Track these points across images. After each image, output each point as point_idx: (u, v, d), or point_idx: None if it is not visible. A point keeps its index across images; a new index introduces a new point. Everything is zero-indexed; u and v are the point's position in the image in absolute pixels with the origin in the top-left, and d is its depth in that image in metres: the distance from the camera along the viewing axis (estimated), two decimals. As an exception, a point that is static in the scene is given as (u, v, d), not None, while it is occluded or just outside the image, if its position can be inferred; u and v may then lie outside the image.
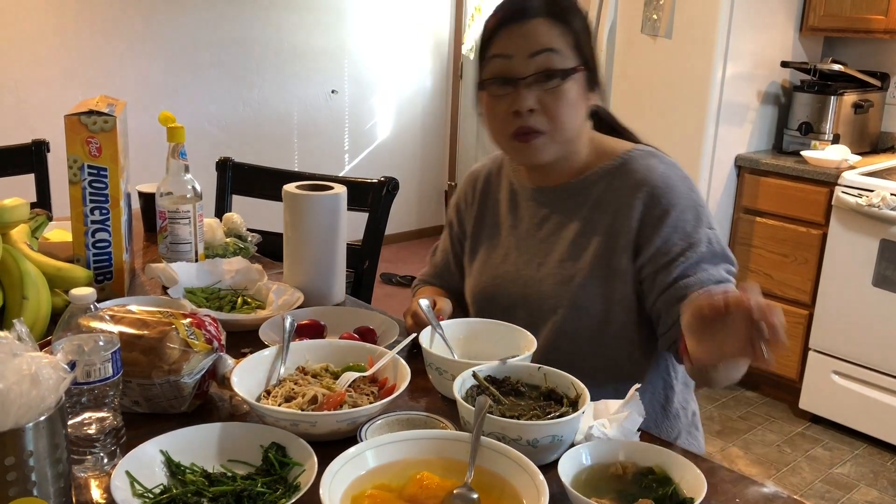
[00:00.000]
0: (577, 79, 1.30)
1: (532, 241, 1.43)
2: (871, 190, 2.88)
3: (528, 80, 1.28)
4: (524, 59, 1.28)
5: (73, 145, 1.45)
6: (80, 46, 3.89)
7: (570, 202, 1.40)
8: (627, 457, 1.01)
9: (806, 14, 3.34)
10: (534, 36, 1.29)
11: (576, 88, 1.30)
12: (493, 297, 1.46)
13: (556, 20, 1.29)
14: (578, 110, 1.33)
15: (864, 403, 3.05)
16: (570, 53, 1.29)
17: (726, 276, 1.28)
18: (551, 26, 1.29)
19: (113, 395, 1.01)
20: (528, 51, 1.28)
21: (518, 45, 1.29)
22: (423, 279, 1.68)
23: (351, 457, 0.94)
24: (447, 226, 1.63)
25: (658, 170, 1.34)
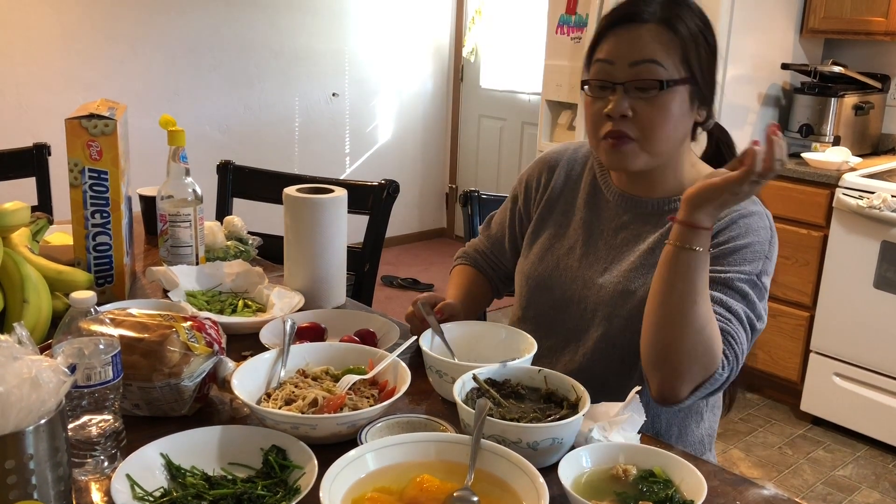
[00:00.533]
0: (680, 91, 1.27)
1: (605, 243, 1.40)
2: (871, 192, 2.88)
3: (626, 87, 1.26)
4: (625, 67, 1.26)
5: (73, 149, 1.45)
6: (82, 50, 3.90)
7: (654, 218, 1.37)
8: (628, 459, 1.01)
9: (806, 16, 3.35)
10: (638, 44, 1.26)
11: (677, 101, 1.27)
12: (549, 287, 1.43)
13: (667, 28, 1.26)
14: (677, 123, 1.29)
15: (865, 405, 3.04)
16: (675, 65, 1.26)
17: (742, 314, 1.23)
18: (659, 34, 1.26)
19: (113, 399, 1.01)
20: (629, 59, 1.26)
21: (622, 51, 1.27)
22: (469, 253, 1.65)
23: (351, 459, 0.94)
24: (511, 199, 1.59)
25: (749, 209, 1.31)
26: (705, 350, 1.16)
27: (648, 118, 1.26)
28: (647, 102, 1.26)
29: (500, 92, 5.21)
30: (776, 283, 3.20)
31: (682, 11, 1.28)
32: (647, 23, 1.26)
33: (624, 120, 1.27)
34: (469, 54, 5.36)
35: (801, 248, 3.15)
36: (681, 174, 1.37)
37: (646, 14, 1.27)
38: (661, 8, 1.27)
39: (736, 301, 1.24)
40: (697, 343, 1.16)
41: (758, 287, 1.27)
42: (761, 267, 1.27)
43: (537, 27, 4.66)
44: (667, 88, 1.25)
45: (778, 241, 1.34)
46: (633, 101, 1.26)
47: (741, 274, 1.25)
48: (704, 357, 1.16)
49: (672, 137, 1.30)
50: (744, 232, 1.28)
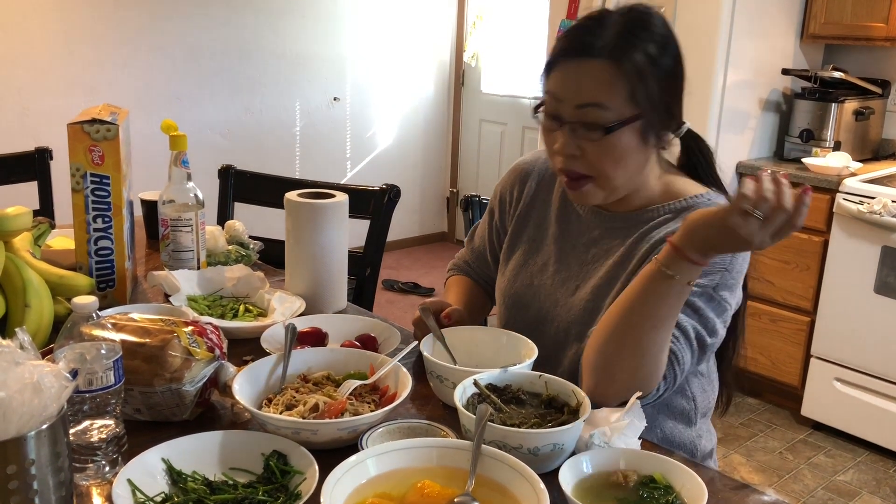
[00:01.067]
0: (628, 130, 1.23)
1: (577, 260, 1.40)
2: (872, 197, 2.88)
3: (573, 126, 1.24)
4: (571, 107, 1.23)
5: (75, 153, 1.46)
6: (84, 54, 3.90)
7: (621, 231, 1.36)
8: (628, 465, 1.02)
9: (807, 21, 3.35)
10: (585, 84, 1.22)
11: (625, 140, 1.23)
12: (525, 306, 1.43)
13: (614, 64, 1.20)
14: (629, 160, 1.26)
15: (866, 410, 3.04)
16: (622, 104, 1.21)
17: (689, 330, 1.21)
18: (605, 73, 1.21)
19: (115, 403, 1.01)
20: (575, 101, 1.22)
21: (568, 90, 1.23)
22: (459, 265, 1.66)
23: (352, 465, 0.94)
24: (488, 212, 1.59)
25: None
26: (649, 374, 1.16)
27: (597, 159, 1.25)
28: (594, 144, 1.24)
29: (500, 96, 5.22)
30: (777, 288, 3.21)
31: (634, 42, 1.22)
32: (595, 58, 1.21)
33: (573, 158, 1.26)
34: (470, 59, 5.36)
35: (801, 253, 3.15)
36: (649, 188, 1.35)
37: (595, 48, 1.22)
38: (613, 39, 1.22)
39: (687, 316, 1.22)
40: (643, 366, 1.15)
41: (714, 300, 1.23)
42: (719, 280, 1.23)
43: (538, 32, 4.67)
44: (612, 132, 1.22)
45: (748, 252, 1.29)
46: (581, 140, 1.24)
47: (697, 287, 1.22)
48: (646, 379, 1.16)
49: (627, 172, 1.28)
50: None
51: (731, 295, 1.26)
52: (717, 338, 1.25)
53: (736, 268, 1.25)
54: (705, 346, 1.24)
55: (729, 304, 1.26)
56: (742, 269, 1.27)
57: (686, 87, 1.31)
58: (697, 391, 1.40)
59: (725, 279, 1.24)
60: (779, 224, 1.02)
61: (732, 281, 1.25)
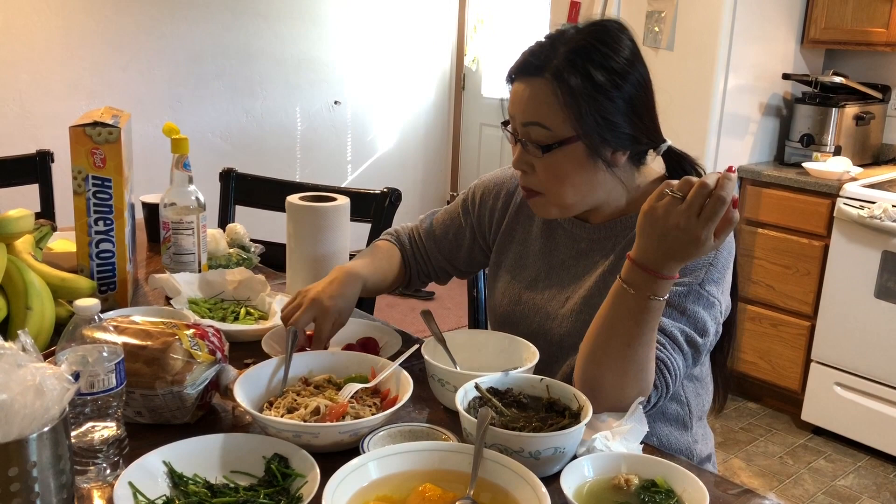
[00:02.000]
0: (570, 150, 1.24)
1: (566, 273, 1.40)
2: (872, 202, 2.89)
3: (523, 142, 1.28)
4: (519, 124, 1.28)
5: (77, 156, 1.46)
6: (85, 57, 3.91)
7: (608, 242, 1.36)
8: (630, 469, 1.01)
9: (807, 26, 3.36)
10: (531, 103, 1.25)
11: (567, 159, 1.25)
12: (515, 323, 1.44)
13: (558, 84, 1.22)
14: (575, 178, 1.27)
15: (866, 415, 3.04)
16: (560, 125, 1.23)
17: (677, 334, 1.20)
18: (547, 92, 1.23)
19: (116, 406, 1.01)
20: (521, 118, 1.27)
21: (518, 108, 1.27)
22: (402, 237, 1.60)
23: (353, 468, 0.94)
24: (461, 208, 1.57)
25: None
26: (634, 389, 1.15)
27: (543, 175, 1.28)
28: (538, 161, 1.27)
29: (501, 101, 5.21)
30: (777, 293, 3.21)
31: (579, 63, 1.21)
32: (538, 77, 1.24)
33: (526, 174, 1.30)
34: (471, 63, 5.37)
35: (802, 258, 3.15)
36: (622, 197, 1.34)
37: (545, 67, 1.23)
38: (559, 60, 1.22)
39: (673, 320, 1.21)
40: (626, 384, 1.14)
41: (702, 298, 1.23)
42: (704, 275, 1.23)
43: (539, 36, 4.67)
44: (551, 151, 1.24)
45: (735, 245, 1.29)
46: (529, 157, 1.28)
47: (678, 286, 1.22)
48: (632, 395, 1.15)
49: (573, 190, 1.28)
50: None
51: (718, 290, 1.25)
52: (709, 336, 1.24)
53: (720, 261, 1.25)
54: (698, 346, 1.23)
55: (718, 299, 1.24)
56: (728, 262, 1.27)
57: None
58: (691, 395, 1.40)
59: (711, 274, 1.24)
60: (702, 203, 1.01)
61: (718, 275, 1.24)
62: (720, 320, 1.27)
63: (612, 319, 1.13)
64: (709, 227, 1.02)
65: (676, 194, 1.03)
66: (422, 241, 1.60)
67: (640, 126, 1.28)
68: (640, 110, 1.27)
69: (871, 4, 3.14)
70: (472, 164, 5.49)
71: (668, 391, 1.20)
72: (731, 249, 1.28)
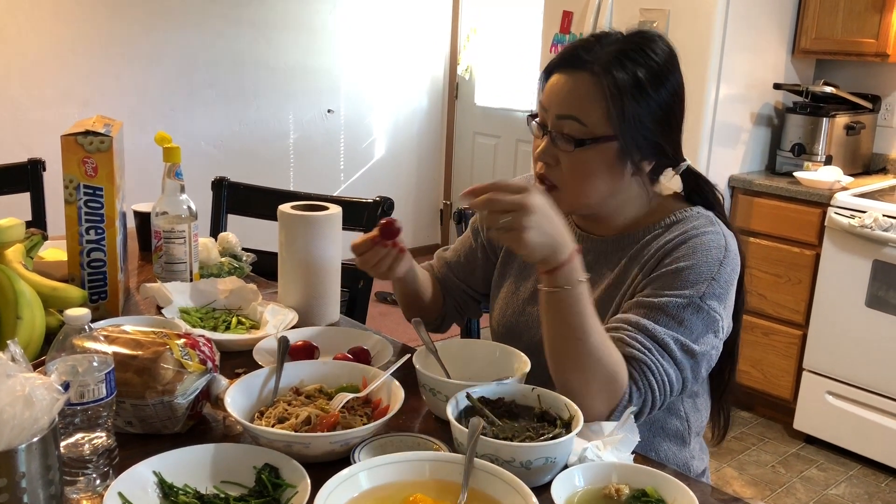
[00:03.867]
0: (602, 149, 1.24)
1: None
2: (863, 211, 2.90)
3: (553, 135, 1.27)
4: (553, 117, 1.27)
5: (69, 165, 1.46)
6: (77, 66, 3.91)
7: (614, 255, 1.35)
8: (621, 479, 1.01)
9: (798, 37, 3.38)
10: (566, 96, 1.25)
11: (597, 159, 1.25)
12: (517, 335, 1.43)
13: (599, 80, 1.22)
14: (598, 179, 1.27)
15: (858, 424, 3.05)
16: (598, 122, 1.23)
17: (670, 342, 1.20)
18: (589, 87, 1.23)
19: (106, 416, 1.01)
20: (556, 111, 1.26)
21: (552, 100, 1.27)
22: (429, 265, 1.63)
23: (344, 478, 0.93)
24: (471, 224, 1.60)
25: (702, 230, 1.28)
26: (602, 383, 1.16)
27: (567, 171, 1.27)
28: (566, 155, 1.26)
29: (494, 109, 5.24)
30: (769, 302, 3.22)
31: (625, 62, 1.23)
32: (582, 71, 1.24)
33: (549, 166, 1.29)
34: (464, 72, 5.38)
35: (793, 267, 3.16)
36: (636, 210, 1.35)
37: (586, 61, 1.24)
38: (606, 56, 1.23)
39: (667, 328, 1.20)
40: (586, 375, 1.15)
41: (702, 311, 1.22)
42: (705, 289, 1.22)
43: (532, 46, 4.69)
44: (583, 147, 1.24)
45: (739, 261, 1.29)
46: (557, 151, 1.27)
47: (678, 298, 1.21)
48: (606, 387, 1.16)
49: (592, 191, 1.29)
50: (689, 253, 1.25)
51: (721, 306, 1.24)
52: (706, 347, 1.23)
53: (724, 277, 1.25)
54: (696, 356, 1.22)
55: (719, 314, 1.24)
56: (731, 279, 1.26)
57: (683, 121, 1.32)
58: (690, 410, 1.40)
59: (713, 288, 1.23)
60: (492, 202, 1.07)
61: (721, 290, 1.24)
62: (721, 337, 1.26)
63: (549, 325, 1.17)
64: (499, 218, 1.07)
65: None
66: (441, 267, 1.62)
67: (670, 137, 1.29)
68: (672, 121, 1.29)
69: (861, 15, 3.16)
70: (466, 172, 5.49)
71: (653, 394, 1.19)
72: (734, 266, 1.27)
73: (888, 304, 2.91)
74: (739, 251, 1.30)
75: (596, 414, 1.16)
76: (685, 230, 1.28)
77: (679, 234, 1.28)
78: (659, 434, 1.36)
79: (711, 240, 1.26)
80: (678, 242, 1.27)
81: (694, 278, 1.22)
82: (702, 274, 1.23)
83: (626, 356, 1.19)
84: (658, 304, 1.22)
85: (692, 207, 1.34)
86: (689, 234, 1.27)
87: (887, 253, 2.87)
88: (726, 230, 1.30)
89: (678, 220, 1.32)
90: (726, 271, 1.25)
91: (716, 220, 1.32)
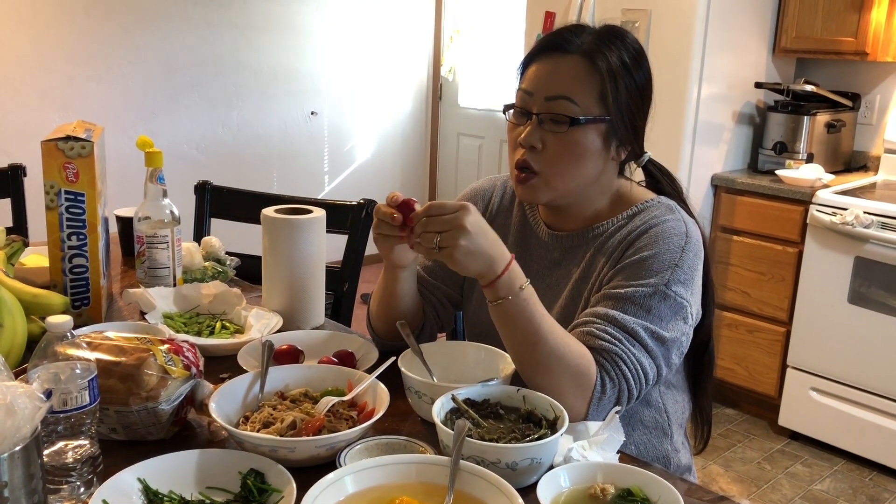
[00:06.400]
0: (592, 129, 1.26)
1: (541, 283, 1.39)
2: (844, 208, 2.93)
3: (540, 118, 1.27)
4: (541, 100, 1.27)
5: (49, 171, 1.45)
6: (57, 70, 3.88)
7: (580, 250, 1.37)
8: (606, 478, 1.02)
9: (778, 36, 3.40)
10: (556, 78, 1.26)
11: (588, 139, 1.26)
12: (494, 334, 1.44)
13: (589, 62, 1.25)
14: (586, 161, 1.28)
15: (842, 419, 3.07)
16: (591, 102, 1.25)
17: (638, 330, 1.21)
18: (579, 69, 1.25)
19: (90, 423, 1.00)
20: (546, 93, 1.26)
21: (540, 84, 1.27)
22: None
23: (330, 482, 0.93)
24: None
25: (663, 218, 1.30)
26: (569, 378, 1.17)
27: (556, 153, 1.27)
28: (556, 137, 1.27)
29: (478, 111, 5.24)
30: (753, 299, 3.24)
31: (610, 46, 1.27)
32: (570, 54, 1.26)
33: (533, 151, 1.28)
34: (447, 73, 5.39)
35: (776, 264, 3.18)
36: (603, 201, 1.37)
37: (572, 45, 1.26)
38: (590, 40, 1.27)
39: (636, 317, 1.22)
40: (553, 374, 1.17)
41: (668, 298, 1.23)
42: (670, 276, 1.24)
43: (515, 46, 4.70)
44: (577, 125, 1.25)
45: (702, 246, 1.31)
46: (545, 133, 1.27)
47: (643, 287, 1.23)
48: (569, 382, 1.17)
49: (579, 174, 1.30)
50: (651, 242, 1.27)
51: (687, 291, 1.25)
52: (676, 333, 1.24)
53: (687, 263, 1.26)
54: (666, 343, 1.23)
55: (686, 300, 1.25)
56: (695, 264, 1.27)
57: (652, 112, 1.34)
58: (668, 402, 1.41)
59: (677, 275, 1.25)
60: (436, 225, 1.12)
61: (685, 276, 1.25)
62: (691, 323, 1.28)
63: (504, 335, 1.20)
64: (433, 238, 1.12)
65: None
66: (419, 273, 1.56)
67: (644, 123, 1.32)
68: (646, 106, 1.32)
69: (840, 14, 3.19)
70: (450, 173, 5.50)
71: (628, 384, 1.20)
72: (697, 252, 1.29)
73: (870, 300, 2.93)
74: (703, 238, 1.33)
75: (574, 411, 1.17)
76: (646, 220, 1.31)
77: (640, 224, 1.30)
78: (638, 427, 1.37)
79: (672, 227, 1.28)
80: (640, 232, 1.29)
81: (658, 266, 1.24)
82: (665, 262, 1.25)
83: (597, 348, 1.20)
84: (625, 295, 1.23)
85: (653, 197, 1.37)
86: (649, 224, 1.29)
87: (869, 249, 2.90)
88: (687, 217, 1.33)
89: (640, 210, 1.34)
90: (689, 257, 1.27)
91: (676, 207, 1.34)
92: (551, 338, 1.16)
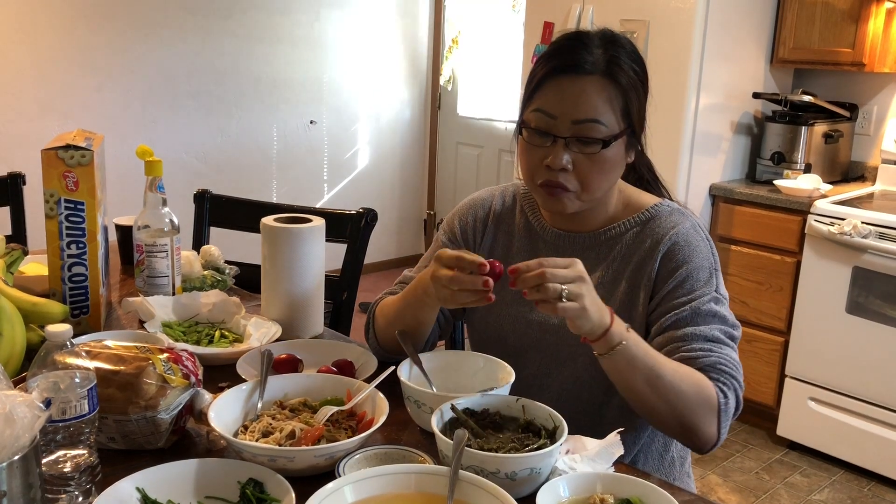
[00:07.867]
0: (619, 144, 1.29)
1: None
2: (842, 218, 2.93)
3: (567, 141, 1.27)
4: (567, 123, 1.26)
5: (49, 179, 1.45)
6: (57, 78, 3.88)
7: (594, 251, 1.39)
8: (605, 489, 1.02)
9: (776, 47, 3.42)
10: (582, 102, 1.26)
11: (614, 153, 1.29)
12: (503, 339, 1.43)
13: (610, 80, 1.26)
14: (613, 173, 1.32)
15: (840, 429, 3.07)
16: (616, 120, 1.27)
17: (719, 334, 1.27)
18: (602, 89, 1.26)
19: (89, 433, 1.00)
20: (573, 116, 1.26)
21: (565, 107, 1.26)
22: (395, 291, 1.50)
23: (329, 492, 0.93)
24: (442, 236, 1.54)
25: (682, 227, 1.35)
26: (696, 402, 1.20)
27: (588, 172, 1.29)
28: (586, 157, 1.28)
29: (477, 120, 5.25)
30: (751, 309, 3.24)
31: (621, 58, 1.28)
32: (590, 74, 1.26)
33: (563, 172, 1.29)
34: (446, 82, 5.40)
35: (774, 274, 3.19)
36: (612, 204, 1.40)
37: (588, 64, 1.26)
38: (602, 56, 1.27)
39: (710, 325, 1.27)
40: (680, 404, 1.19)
41: (720, 299, 1.31)
42: (715, 279, 1.32)
43: (513, 56, 4.72)
44: (609, 147, 1.27)
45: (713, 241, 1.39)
46: (573, 154, 1.28)
47: (705, 296, 1.29)
48: (698, 406, 1.20)
49: (607, 185, 1.34)
50: (688, 254, 1.32)
51: (723, 284, 1.35)
52: (738, 329, 1.32)
53: (717, 260, 1.35)
54: (736, 339, 1.30)
55: (726, 293, 1.34)
56: (717, 255, 1.36)
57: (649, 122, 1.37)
58: None
59: (717, 276, 1.33)
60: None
61: (720, 274, 1.35)
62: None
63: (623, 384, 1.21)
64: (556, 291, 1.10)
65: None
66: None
67: (643, 127, 1.34)
68: (644, 111, 1.34)
69: (837, 25, 3.20)
70: (449, 182, 5.51)
71: (737, 380, 1.25)
72: (713, 245, 1.37)
73: (868, 310, 2.93)
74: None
75: (709, 433, 1.22)
76: (666, 230, 1.35)
77: (663, 234, 1.34)
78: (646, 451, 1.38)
79: (694, 235, 1.35)
80: (670, 247, 1.33)
81: (705, 276, 1.31)
82: (706, 269, 1.32)
83: (697, 367, 1.24)
84: (690, 312, 1.28)
85: (660, 202, 1.40)
86: (676, 236, 1.34)
87: (866, 259, 2.90)
88: (692, 215, 1.40)
89: (652, 216, 1.38)
90: (714, 253, 1.36)
91: (685, 210, 1.40)
92: (667, 369, 1.19)
